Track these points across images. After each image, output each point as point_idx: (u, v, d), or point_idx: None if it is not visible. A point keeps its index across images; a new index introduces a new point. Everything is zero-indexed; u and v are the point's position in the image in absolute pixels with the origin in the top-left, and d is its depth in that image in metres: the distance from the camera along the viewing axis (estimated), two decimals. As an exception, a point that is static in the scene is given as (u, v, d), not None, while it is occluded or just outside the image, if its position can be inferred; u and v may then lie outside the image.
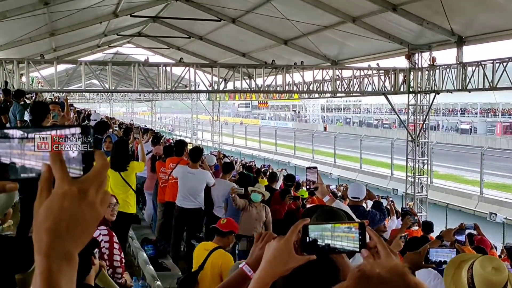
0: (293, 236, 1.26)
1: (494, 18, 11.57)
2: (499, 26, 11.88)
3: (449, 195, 22.22)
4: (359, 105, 70.27)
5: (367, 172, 29.56)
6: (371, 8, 12.61)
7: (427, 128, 16.74)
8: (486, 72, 12.68)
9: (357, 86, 15.97)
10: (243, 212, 6.89)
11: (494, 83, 12.56)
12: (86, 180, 0.80)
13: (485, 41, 12.84)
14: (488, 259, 2.03)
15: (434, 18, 12.28)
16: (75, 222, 0.78)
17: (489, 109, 51.98)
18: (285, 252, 1.25)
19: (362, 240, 1.20)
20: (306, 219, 1.25)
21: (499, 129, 49.76)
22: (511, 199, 21.06)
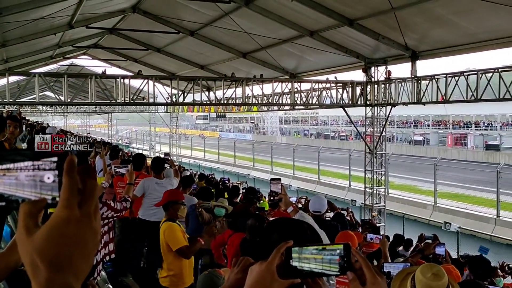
0: (275, 259, 1.21)
1: (446, 34, 12.00)
2: (450, 41, 12.34)
3: (404, 205, 22.74)
4: (316, 117, 71.31)
5: (325, 184, 29.91)
6: (329, 23, 12.85)
7: (383, 140, 17.13)
8: (439, 86, 13.11)
9: (315, 98, 16.17)
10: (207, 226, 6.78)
11: (447, 97, 13.00)
12: (87, 202, 0.72)
13: (438, 55, 13.29)
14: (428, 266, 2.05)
15: (389, 33, 12.63)
16: (79, 251, 0.69)
17: (440, 121, 53.81)
18: (268, 276, 1.20)
19: (347, 262, 1.17)
20: (289, 242, 1.21)
21: (450, 140, 51.58)
22: (463, 208, 21.76)
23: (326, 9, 12.05)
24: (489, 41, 11.47)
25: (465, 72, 12.71)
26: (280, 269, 1.20)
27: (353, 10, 12.01)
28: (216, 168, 35.44)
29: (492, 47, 11.69)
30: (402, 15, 11.18)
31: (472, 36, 11.60)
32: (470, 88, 12.24)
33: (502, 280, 6.23)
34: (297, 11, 12.67)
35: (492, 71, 11.78)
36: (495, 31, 11.06)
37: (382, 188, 17.41)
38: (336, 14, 12.24)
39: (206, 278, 3.57)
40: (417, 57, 13.47)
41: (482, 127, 49.96)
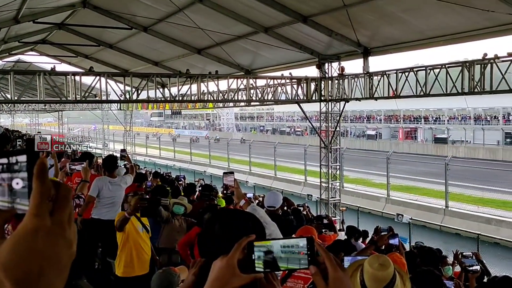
0: (236, 254, 1.20)
1: (396, 31, 12.32)
2: (400, 38, 12.68)
3: (359, 198, 23.24)
4: (272, 113, 71.69)
5: (282, 179, 30.15)
6: (283, 19, 12.93)
7: (338, 134, 17.43)
8: (390, 81, 13.45)
9: (271, 94, 16.26)
10: (164, 224, 6.70)
11: (398, 92, 13.35)
12: (60, 209, 0.64)
13: (389, 52, 13.62)
14: (375, 257, 2.10)
15: (342, 30, 12.84)
16: (51, 266, 0.61)
17: (392, 116, 55.22)
18: (228, 271, 1.20)
19: (311, 256, 1.17)
20: (251, 236, 1.21)
21: (401, 134, 53.07)
22: (415, 200, 22.47)
23: (280, 6, 12.12)
24: (436, 37, 11.86)
25: (415, 68, 13.07)
26: (241, 264, 1.19)
27: (307, 7, 12.13)
28: (172, 166, 35.07)
29: (439, 43, 12.09)
30: (354, 12, 11.39)
31: (421, 33, 11.95)
32: (419, 83, 12.62)
33: (451, 269, 6.46)
34: (251, 7, 12.68)
35: (439, 67, 12.18)
36: (441, 28, 11.43)
37: (337, 182, 17.73)
38: (290, 10, 12.33)
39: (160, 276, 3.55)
40: (369, 54, 13.76)
41: (431, 121, 51.66)
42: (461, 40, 11.54)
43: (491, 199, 22.12)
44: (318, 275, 1.16)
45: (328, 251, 1.19)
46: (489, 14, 9.45)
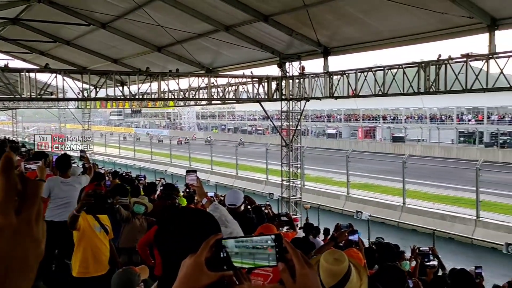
0: (204, 252, 1.20)
1: (355, 31, 12.54)
2: (359, 38, 12.91)
3: (320, 196, 23.54)
4: (233, 112, 71.66)
5: (243, 178, 30.19)
6: (243, 18, 12.94)
7: (299, 133, 17.60)
8: (350, 81, 13.68)
9: (232, 93, 16.25)
10: (125, 224, 6.59)
11: (357, 91, 13.59)
12: (27, 207, 0.60)
13: (348, 52, 13.86)
14: (331, 252, 2.14)
15: (303, 30, 12.96)
16: (17, 267, 0.58)
17: (351, 115, 56.19)
18: (196, 269, 1.19)
19: (280, 253, 1.17)
20: (219, 234, 1.21)
21: (360, 133, 54.09)
22: (373, 197, 22.96)
23: (241, 4, 12.13)
24: (394, 38, 12.14)
25: (373, 68, 13.34)
26: (210, 262, 1.19)
27: (268, 6, 12.18)
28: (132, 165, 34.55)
29: (396, 44, 12.38)
30: (314, 12, 11.51)
31: (379, 34, 12.21)
32: (377, 83, 12.89)
33: (408, 263, 6.63)
34: (212, 6, 12.63)
35: (397, 67, 12.48)
36: (398, 30, 11.72)
37: (298, 181, 17.91)
38: (251, 9, 12.36)
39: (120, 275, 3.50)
40: (329, 53, 13.95)
41: (389, 120, 52.84)
42: (417, 41, 11.85)
43: (446, 196, 22.85)
44: (286, 272, 1.16)
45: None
46: (444, 16, 9.74)
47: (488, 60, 10.13)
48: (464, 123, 46.28)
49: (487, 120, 44.13)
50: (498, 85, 10.52)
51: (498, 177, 23.37)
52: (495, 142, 42.46)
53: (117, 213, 6.47)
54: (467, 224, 18.19)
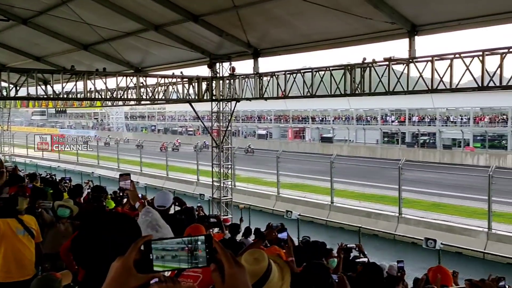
0: (132, 254, 1.17)
1: (283, 34, 12.74)
2: (288, 41, 13.14)
3: (250, 196, 23.71)
4: (163, 113, 70.61)
5: (174, 179, 29.83)
6: (173, 18, 12.78)
7: (229, 134, 17.64)
8: (279, 82, 13.89)
9: (162, 93, 15.99)
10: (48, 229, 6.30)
11: (286, 92, 13.82)
12: None
13: (277, 54, 14.05)
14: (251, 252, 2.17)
15: (233, 31, 13.00)
16: None
17: (281, 116, 57.11)
18: (124, 271, 1.16)
19: (210, 254, 1.16)
20: (149, 235, 1.18)
21: (290, 133, 55.11)
22: (303, 197, 23.47)
23: (170, 4, 11.97)
24: (322, 41, 12.47)
25: (302, 69, 13.62)
26: (139, 264, 1.16)
27: (198, 6, 12.11)
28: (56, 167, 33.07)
29: (324, 47, 12.72)
30: (244, 14, 11.59)
31: (307, 36, 12.49)
32: (306, 84, 13.18)
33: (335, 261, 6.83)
34: (141, 4, 12.37)
35: (324, 69, 12.82)
36: (326, 33, 12.05)
37: (229, 181, 17.94)
38: (181, 9, 12.23)
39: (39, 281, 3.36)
40: (259, 55, 14.08)
41: (318, 121, 54.24)
42: (344, 44, 12.25)
43: (371, 194, 23.81)
44: (216, 272, 1.17)
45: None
46: (368, 21, 10.14)
47: (409, 64, 10.65)
48: (388, 124, 48.44)
49: (409, 121, 46.45)
50: (418, 88, 11.10)
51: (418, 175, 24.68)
52: (416, 142, 44.80)
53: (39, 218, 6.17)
54: (390, 221, 19.06)
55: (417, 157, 40.00)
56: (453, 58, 9.97)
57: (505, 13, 9.02)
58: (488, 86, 9.64)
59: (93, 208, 7.50)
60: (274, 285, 1.84)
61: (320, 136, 51.87)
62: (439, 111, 44.53)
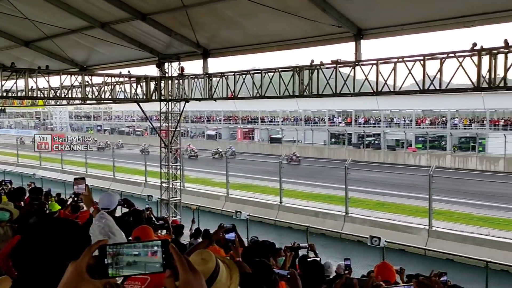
0: (85, 258, 1.14)
1: (233, 34, 12.75)
2: (238, 41, 13.16)
3: (199, 197, 23.61)
4: (110, 112, 68.98)
5: (120, 180, 29.22)
6: (120, 15, 12.50)
7: (178, 134, 17.46)
8: (229, 83, 13.88)
9: (108, 93, 15.61)
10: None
11: (236, 93, 13.84)
12: None
13: (227, 54, 14.05)
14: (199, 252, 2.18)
15: (182, 30, 12.88)
16: None
17: (231, 117, 57.12)
18: (76, 276, 1.13)
19: (167, 259, 1.14)
20: (103, 240, 1.15)
21: (239, 134, 55.21)
22: (252, 197, 23.59)
23: (117, 1, 11.71)
24: (271, 43, 12.56)
25: (251, 70, 13.66)
26: (93, 269, 1.13)
27: (146, 4, 11.91)
28: (-5, 169, 31.64)
29: (273, 48, 12.82)
30: (193, 13, 11.50)
31: (257, 38, 12.56)
32: (255, 85, 13.25)
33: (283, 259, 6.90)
34: (86, 1, 12.03)
35: (273, 70, 12.93)
36: (275, 35, 12.16)
37: (178, 182, 17.76)
38: (128, 7, 11.99)
39: None
40: (208, 55, 14.02)
41: (267, 122, 54.64)
42: (293, 46, 12.39)
43: (319, 194, 24.25)
44: (170, 278, 1.15)
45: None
46: (315, 24, 10.32)
47: (355, 67, 10.92)
48: (335, 125, 49.45)
49: (355, 122, 47.63)
50: (363, 90, 11.40)
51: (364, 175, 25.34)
52: (361, 143, 46.00)
53: None
54: (337, 220, 19.49)
55: (362, 158, 41.11)
56: (396, 62, 10.31)
57: (444, 20, 9.43)
58: (428, 89, 10.04)
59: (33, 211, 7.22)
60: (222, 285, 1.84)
61: (269, 137, 52.28)
62: (383, 113, 45.92)
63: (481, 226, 17.68)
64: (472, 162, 37.78)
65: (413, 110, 43.77)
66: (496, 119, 40.73)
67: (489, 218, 18.99)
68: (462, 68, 9.26)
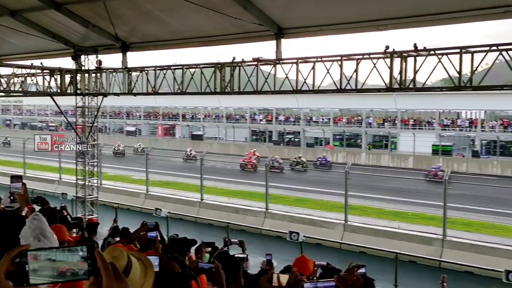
0: (4, 265, 1.05)
1: (154, 29, 12.48)
2: (158, 36, 12.91)
3: (118, 195, 22.95)
4: (20, 106, 65.11)
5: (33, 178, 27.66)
6: (32, 4, 11.80)
7: (96, 130, 16.85)
8: (149, 78, 13.59)
9: (19, 85, 14.71)
10: None
11: (156, 89, 13.59)
12: None
13: (147, 49, 13.74)
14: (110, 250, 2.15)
15: (100, 22, 12.41)
16: None
17: (151, 112, 56.05)
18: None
19: (92, 265, 1.07)
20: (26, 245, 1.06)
21: (160, 130, 54.33)
22: (172, 194, 23.33)
23: (29, -12, 11.08)
24: (192, 38, 12.45)
25: (172, 66, 13.48)
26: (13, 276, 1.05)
27: (61, -6, 11.37)
28: None
29: (194, 44, 12.74)
30: (112, 6, 11.12)
31: (177, 33, 12.38)
32: (176, 81, 13.08)
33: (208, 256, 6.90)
34: (-7, -14, 11.27)
35: (195, 66, 12.84)
36: (197, 30, 12.06)
37: (95, 179, 17.14)
38: (42, -5, 11.38)
39: None
40: (127, 49, 13.63)
41: (188, 119, 54.19)
42: (214, 43, 12.36)
43: (240, 191, 24.47)
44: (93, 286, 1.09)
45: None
46: (237, 21, 10.36)
47: (276, 65, 11.11)
48: (256, 123, 50.06)
49: (276, 120, 48.51)
50: (284, 88, 11.64)
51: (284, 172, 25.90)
52: (282, 140, 46.95)
53: None
54: (258, 216, 19.77)
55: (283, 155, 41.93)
56: (315, 61, 10.61)
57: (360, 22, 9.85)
58: (345, 89, 10.44)
59: None
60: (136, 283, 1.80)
61: (191, 133, 51.90)
62: (303, 111, 47.14)
63: (392, 220, 18.75)
64: (384, 159, 39.85)
65: (331, 109, 45.36)
66: (406, 118, 43.24)
67: (399, 212, 20.16)
68: (376, 70, 9.73)
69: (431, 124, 41.98)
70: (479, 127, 39.33)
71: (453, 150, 39.12)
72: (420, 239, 16.38)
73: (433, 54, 9.10)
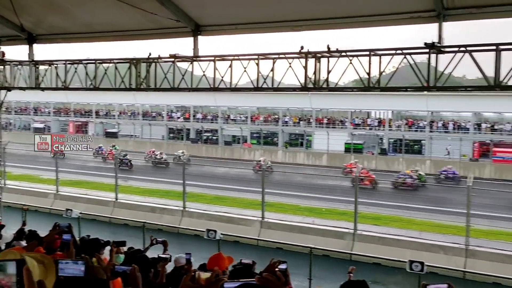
0: None
1: (62, 21, 11.82)
2: (68, 29, 12.25)
3: (24, 195, 21.68)
4: None
5: None
6: None
7: None
8: (59, 72, 12.90)
9: None
10: None
11: (67, 84, 12.92)
12: None
13: (56, 41, 13.01)
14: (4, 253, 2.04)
15: (3, 11, 11.59)
16: None
17: (61, 109, 53.52)
18: None
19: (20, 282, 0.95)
20: None
21: (71, 127, 51.99)
22: (85, 194, 22.41)
23: None
24: (105, 32, 11.97)
25: (84, 60, 12.88)
26: None
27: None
28: None
29: (107, 38, 12.26)
30: (16, -6, 10.43)
31: (88, 26, 11.84)
32: (89, 76, 12.52)
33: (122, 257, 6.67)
34: None
35: (109, 61, 12.36)
36: (110, 24, 11.62)
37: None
38: None
39: None
40: (34, 40, 12.84)
41: (102, 115, 52.34)
42: (129, 38, 11.97)
43: (157, 190, 24.05)
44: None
45: None
46: (153, 16, 10.10)
47: (193, 62, 10.98)
48: (174, 120, 49.42)
49: (193, 118, 48.18)
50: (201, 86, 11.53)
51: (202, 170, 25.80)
52: (199, 139, 46.76)
53: None
54: (175, 215, 19.52)
55: (201, 153, 41.80)
56: (232, 59, 10.61)
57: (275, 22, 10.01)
58: (262, 88, 10.55)
59: None
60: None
61: (105, 131, 50.14)
62: (221, 109, 47.24)
63: (307, 216, 19.32)
64: (300, 157, 40.94)
65: (248, 107, 45.82)
66: (320, 117, 44.75)
67: (314, 208, 20.80)
68: (291, 69, 9.92)
69: (343, 123, 43.78)
70: (387, 126, 41.67)
71: (364, 148, 41.09)
72: (333, 233, 17.00)
73: (344, 55, 9.42)
